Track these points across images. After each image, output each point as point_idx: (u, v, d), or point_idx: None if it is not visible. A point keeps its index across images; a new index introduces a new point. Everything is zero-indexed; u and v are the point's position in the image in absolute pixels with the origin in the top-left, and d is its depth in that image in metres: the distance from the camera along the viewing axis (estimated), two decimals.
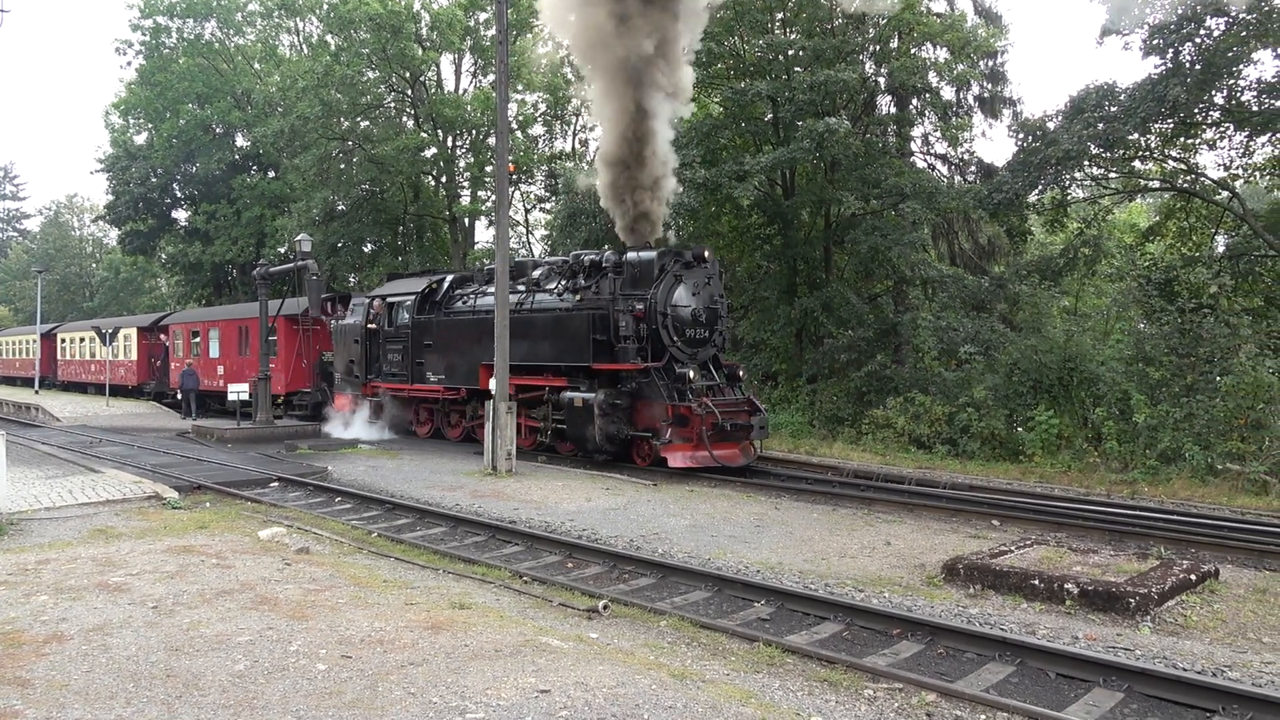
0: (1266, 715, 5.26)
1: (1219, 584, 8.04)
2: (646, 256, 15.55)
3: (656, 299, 15.14)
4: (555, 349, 15.93)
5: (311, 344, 24.01)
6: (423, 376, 18.89)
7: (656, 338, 15.11)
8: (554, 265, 17.56)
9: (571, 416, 15.22)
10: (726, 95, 22.72)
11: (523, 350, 16.21)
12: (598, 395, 14.84)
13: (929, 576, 8.47)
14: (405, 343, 19.29)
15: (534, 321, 16.45)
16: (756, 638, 6.62)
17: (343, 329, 21.31)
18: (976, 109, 25.01)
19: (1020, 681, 5.99)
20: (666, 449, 14.24)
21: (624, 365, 14.78)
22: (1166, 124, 19.14)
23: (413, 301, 19.28)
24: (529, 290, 17.06)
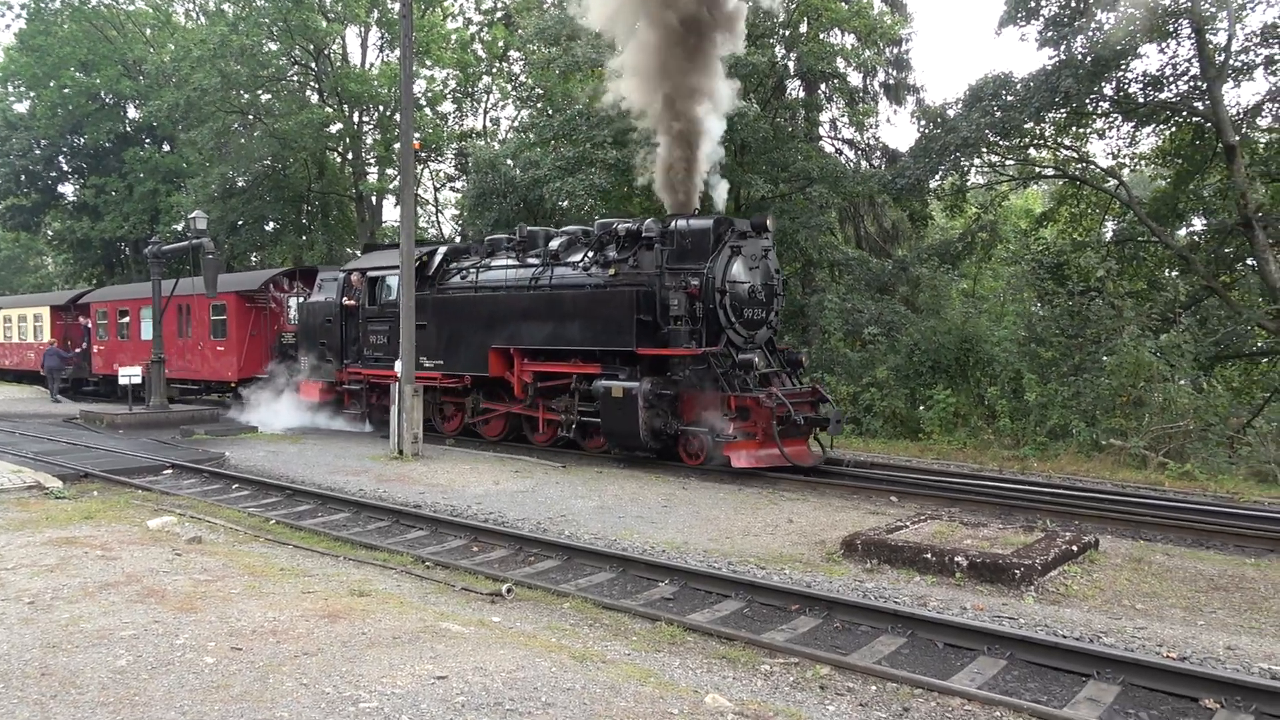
0: (1138, 678, 5.56)
1: (1099, 554, 8.45)
2: (700, 225, 13.50)
3: (714, 274, 13.16)
4: (586, 331, 13.80)
5: (269, 324, 21.35)
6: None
7: (713, 319, 13.16)
8: (574, 235, 15.43)
9: (608, 408, 13.21)
10: None
11: (543, 332, 14.37)
12: (642, 384, 12.88)
13: (829, 552, 8.68)
14: (392, 323, 16.62)
15: (558, 299, 14.29)
16: (659, 617, 6.69)
17: (311, 308, 19.01)
18: (882, 95, 25.61)
19: (911, 652, 6.19)
20: (730, 447, 12.51)
21: (677, 350, 12.81)
22: (1059, 114, 19.89)
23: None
24: (545, 263, 14.99)
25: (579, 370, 14.10)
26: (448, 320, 15.97)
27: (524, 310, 14.67)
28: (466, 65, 33.13)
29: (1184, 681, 5.43)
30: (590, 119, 22.11)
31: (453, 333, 15.87)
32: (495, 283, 15.59)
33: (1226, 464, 13.49)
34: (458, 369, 15.90)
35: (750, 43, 21.85)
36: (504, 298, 15.09)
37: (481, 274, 16.02)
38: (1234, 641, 6.22)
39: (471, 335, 15.52)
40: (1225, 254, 19.31)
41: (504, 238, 16.58)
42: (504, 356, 15.10)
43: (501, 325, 14.94)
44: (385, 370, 16.57)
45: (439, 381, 16.15)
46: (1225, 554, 8.75)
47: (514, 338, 14.77)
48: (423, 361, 15.96)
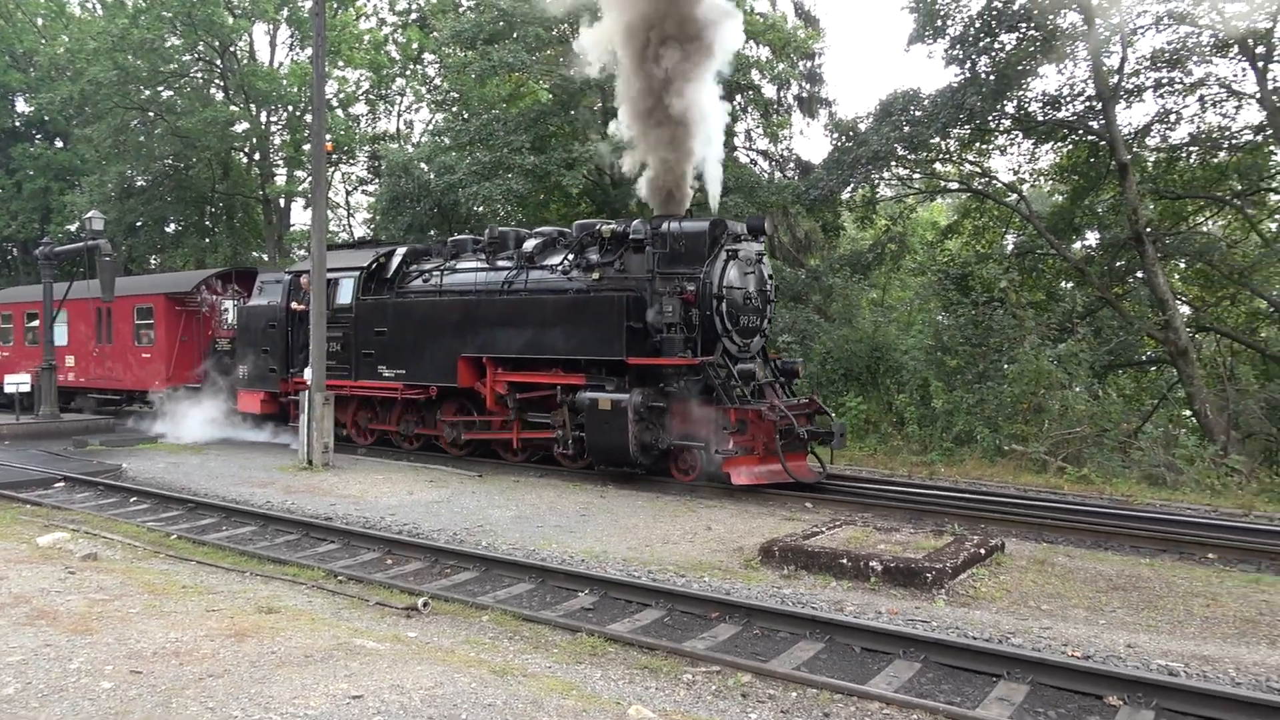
0: (1045, 678, 5.74)
1: (1005, 556, 8.73)
2: (694, 227, 12.73)
3: (710, 279, 12.46)
4: (570, 339, 12.95)
5: (202, 329, 19.51)
6: (373, 371, 15.38)
7: (709, 326, 12.47)
8: (549, 236, 14.58)
9: (594, 422, 12.45)
10: (556, 82, 22.61)
11: (521, 340, 13.45)
12: (632, 396, 12.15)
13: (747, 559, 8.74)
14: (346, 329, 15.67)
15: (537, 305, 13.42)
16: (579, 628, 6.63)
17: (251, 312, 17.41)
18: (796, 108, 26.08)
19: (829, 657, 6.28)
20: (729, 462, 11.80)
21: (671, 359, 12.10)
22: (964, 130, 20.61)
23: (356, 279, 15.76)
24: (519, 266, 14.13)
25: (561, 381, 13.19)
26: (410, 327, 14.87)
27: (498, 316, 13.73)
28: (380, 67, 32.49)
29: (1089, 680, 5.63)
30: (508, 124, 21.94)
31: (416, 340, 14.73)
32: (463, 286, 14.62)
33: (1120, 468, 14.12)
34: (422, 379, 14.69)
35: None
36: (475, 303, 14.09)
37: (447, 277, 15.00)
38: (1133, 639, 6.48)
39: (438, 343, 14.40)
40: (1118, 267, 20.27)
41: (469, 239, 15.73)
42: (475, 366, 14.11)
43: (473, 332, 13.96)
44: (339, 380, 15.49)
45: (400, 393, 15.03)
46: (1122, 555, 9.14)
47: (487, 345, 13.81)
48: (381, 371, 15.18)
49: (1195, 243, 19.67)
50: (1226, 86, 18.42)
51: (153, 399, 19.36)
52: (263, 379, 17.07)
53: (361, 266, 15.83)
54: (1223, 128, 18.95)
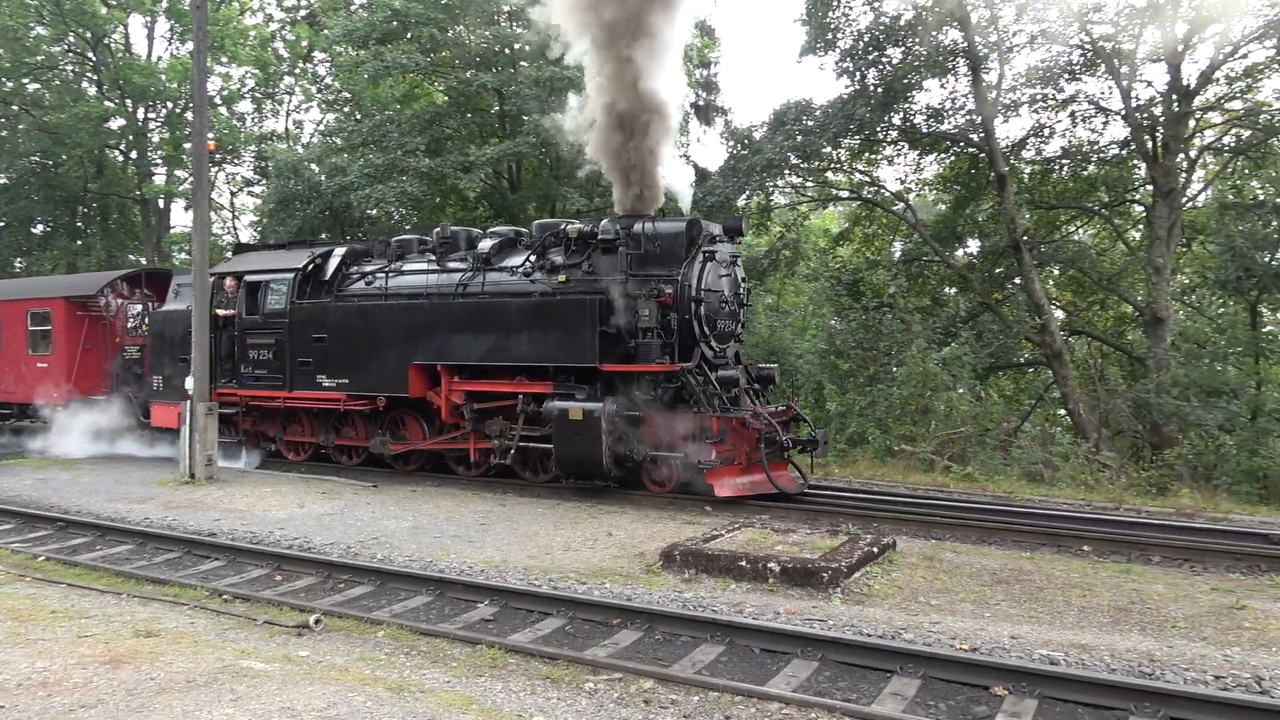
0: (936, 671, 5.93)
1: (896, 554, 8.99)
2: (671, 227, 12.22)
3: (689, 281, 11.94)
4: (536, 345, 12.24)
5: (108, 336, 17.85)
6: (310, 381, 14.21)
7: (687, 331, 11.94)
8: (505, 236, 13.84)
9: (563, 433, 11.77)
10: (451, 85, 22.29)
11: (481, 347, 12.66)
12: (606, 405, 11.61)
13: (648, 564, 8.76)
14: (280, 336, 14.51)
15: (498, 309, 12.58)
16: (479, 640, 6.51)
17: (167, 318, 15.95)
18: (693, 115, 26.37)
19: (730, 660, 6.34)
20: (713, 474, 11.35)
21: (648, 366, 11.56)
22: (854, 140, 21.24)
23: (290, 281, 14.55)
24: (475, 268, 13.27)
25: (525, 389, 12.47)
26: (354, 333, 13.82)
27: (455, 321, 12.90)
28: (267, 64, 31.38)
29: (976, 671, 5.84)
30: (401, 125, 21.50)
31: (360, 348, 13.72)
32: (413, 289, 13.65)
33: (1002, 466, 14.77)
34: (368, 389, 13.69)
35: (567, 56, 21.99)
36: (429, 307, 13.16)
37: (393, 279, 14.00)
38: (1017, 631, 6.76)
39: (386, 350, 13.46)
40: (997, 273, 21.20)
41: (415, 239, 14.87)
42: (428, 374, 13.28)
43: (426, 338, 13.11)
44: (271, 391, 14.55)
45: (343, 405, 13.93)
46: (1005, 549, 9.52)
47: (443, 352, 12.99)
48: (321, 381, 14.09)
49: (1068, 250, 20.75)
50: (1095, 103, 19.51)
51: (44, 412, 17.79)
52: (181, 391, 15.40)
53: (296, 268, 14.66)
54: (1091, 142, 20.08)
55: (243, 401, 15.12)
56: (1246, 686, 5.62)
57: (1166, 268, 18.14)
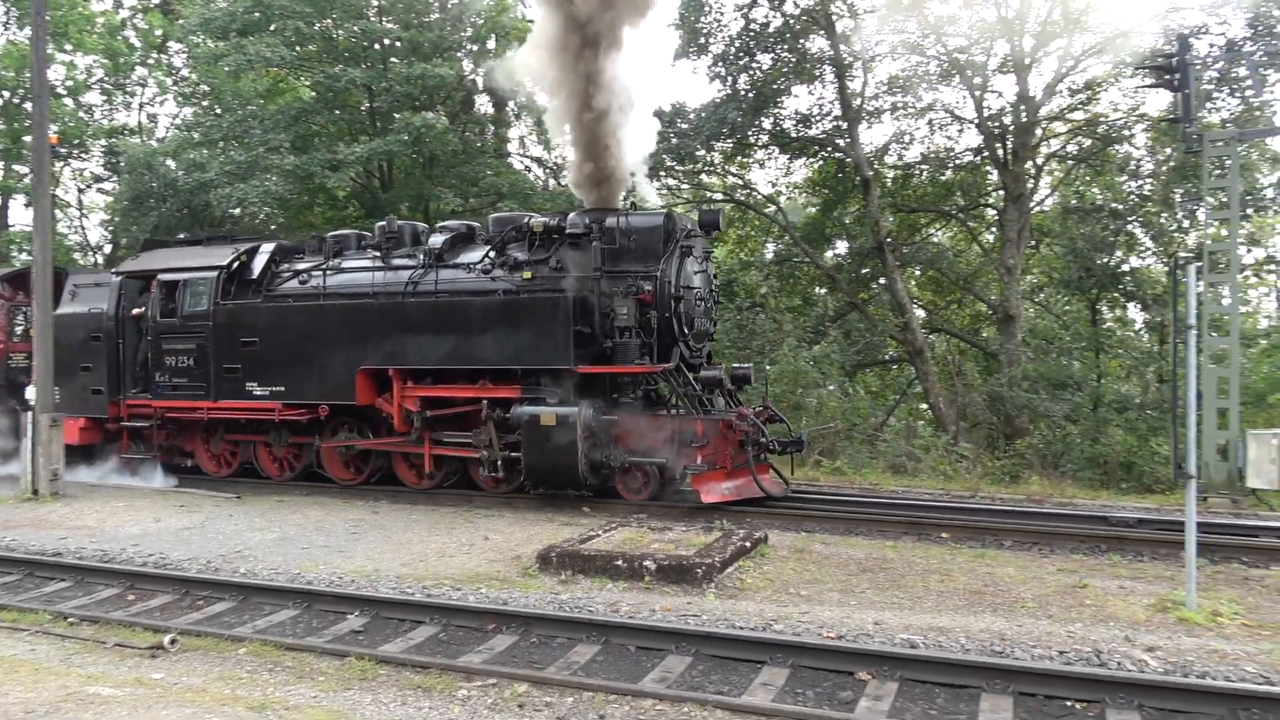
0: (804, 660, 6.11)
1: (768, 548, 9.22)
2: (648, 221, 11.67)
3: (668, 278, 11.42)
4: (503, 346, 11.49)
5: None
6: (239, 389, 13.09)
7: (666, 330, 11.42)
8: (457, 231, 12.93)
9: (534, 440, 11.14)
10: (319, 80, 21.56)
11: (439, 349, 11.85)
12: (582, 410, 11.02)
13: (525, 567, 8.70)
14: (201, 340, 13.32)
15: (459, 308, 11.77)
16: (347, 652, 6.33)
17: (64, 321, 14.31)
18: None
19: (606, 659, 6.36)
20: (699, 479, 10.97)
21: (628, 367, 11.09)
22: (727, 143, 21.67)
23: (213, 280, 13.33)
24: (426, 265, 12.39)
25: (489, 394, 11.73)
26: (291, 336, 12.77)
27: (409, 322, 12.06)
28: (116, 53, 29.55)
29: (841, 658, 6.06)
30: (265, 121, 20.66)
31: (298, 352, 12.67)
32: (356, 288, 12.66)
33: (868, 459, 15.35)
34: (308, 397, 12.65)
35: (438, 55, 21.63)
36: (378, 307, 12.27)
37: (332, 277, 12.97)
38: (880, 617, 7.04)
39: (329, 354, 12.48)
40: (863, 274, 22.03)
41: (353, 234, 13.88)
42: (377, 380, 12.43)
43: (376, 341, 12.23)
44: (191, 402, 13.35)
45: (278, 414, 12.88)
46: (870, 539, 9.89)
47: (395, 356, 12.13)
48: (251, 389, 12.99)
49: (928, 252, 21.75)
50: (951, 112, 20.53)
51: None
52: (82, 402, 14.21)
53: (219, 265, 13.43)
54: (948, 149, 21.10)
55: (157, 414, 13.77)
56: (1087, 660, 6.02)
57: (1017, 268, 19.23)
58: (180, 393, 13.53)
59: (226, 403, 13.18)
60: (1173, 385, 8.36)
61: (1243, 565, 8.67)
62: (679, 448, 11.02)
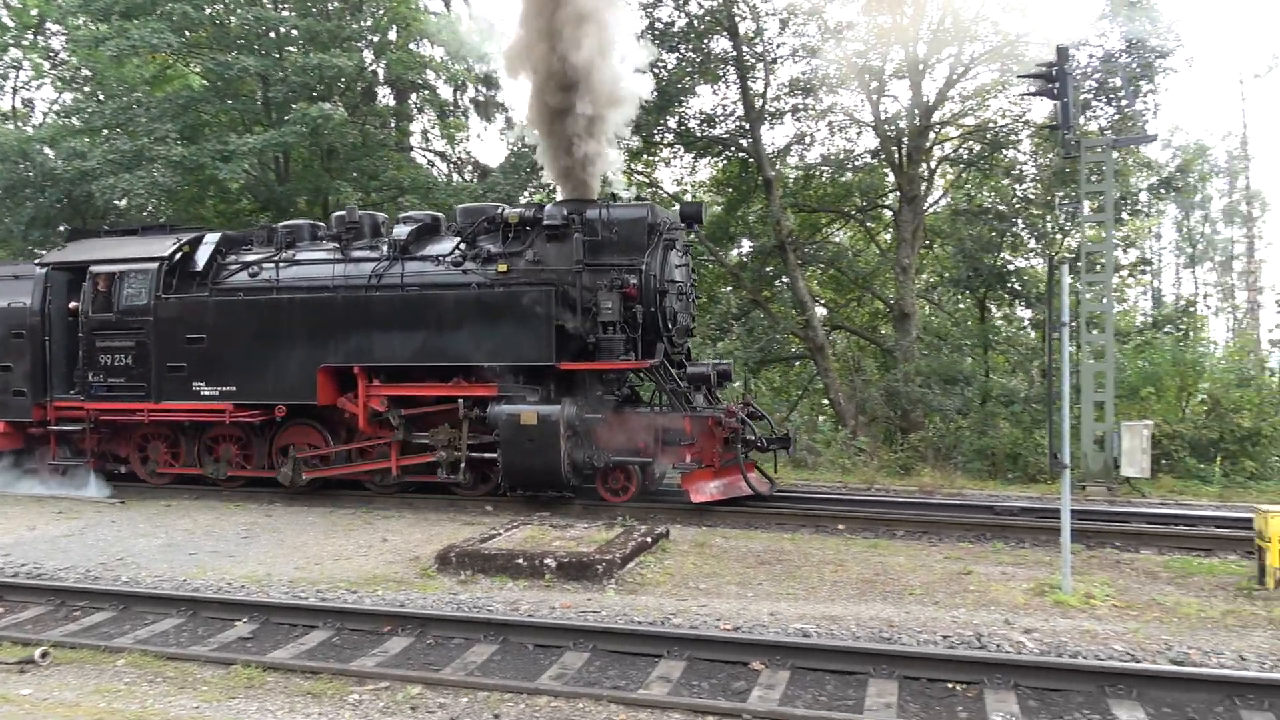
0: (700, 652, 6.19)
1: (669, 543, 9.31)
2: (632, 212, 11.46)
3: (653, 271, 11.18)
4: (481, 342, 11.10)
5: None
6: (184, 390, 12.29)
7: (651, 325, 11.19)
8: (422, 222, 12.40)
9: (514, 440, 10.77)
10: (209, 68, 20.74)
11: (409, 345, 11.39)
12: (564, 408, 10.76)
13: (424, 568, 8.58)
14: (141, 337, 12.48)
15: (431, 303, 11.33)
16: (234, 660, 6.13)
17: None
18: (473, 111, 26.05)
19: (503, 658, 6.32)
20: (689, 479, 10.85)
21: (614, 364, 10.90)
22: (633, 141, 21.73)
23: (153, 272, 12.49)
24: (391, 257, 11.88)
25: (463, 393, 11.34)
26: (242, 332, 12.09)
27: (377, 317, 11.56)
28: None
29: (736, 649, 6.17)
30: (151, 109, 19.78)
31: (252, 350, 12.04)
32: (313, 281, 12.04)
33: None
34: (263, 397, 12.01)
35: (337, 45, 21.08)
36: (340, 301, 11.71)
37: (286, 270, 12.30)
38: (776, 608, 7.19)
39: (287, 352, 11.88)
40: (767, 272, 22.40)
41: (306, 224, 13.32)
42: (339, 378, 11.91)
43: (338, 337, 11.68)
44: (131, 403, 12.49)
45: (229, 416, 12.12)
46: (769, 532, 10.09)
47: (360, 353, 11.64)
48: (199, 389, 12.24)
49: (828, 251, 22.27)
50: (850, 115, 21.06)
51: None
52: (2, 405, 13.19)
53: (160, 257, 12.57)
54: (847, 151, 21.63)
55: (90, 416, 12.81)
56: (969, 643, 6.27)
57: (912, 268, 19.87)
58: (117, 394, 12.63)
59: (170, 404, 12.38)
60: (1048, 379, 8.77)
61: (1115, 549, 9.17)
62: (665, 447, 10.87)
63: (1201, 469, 13.64)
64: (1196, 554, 8.88)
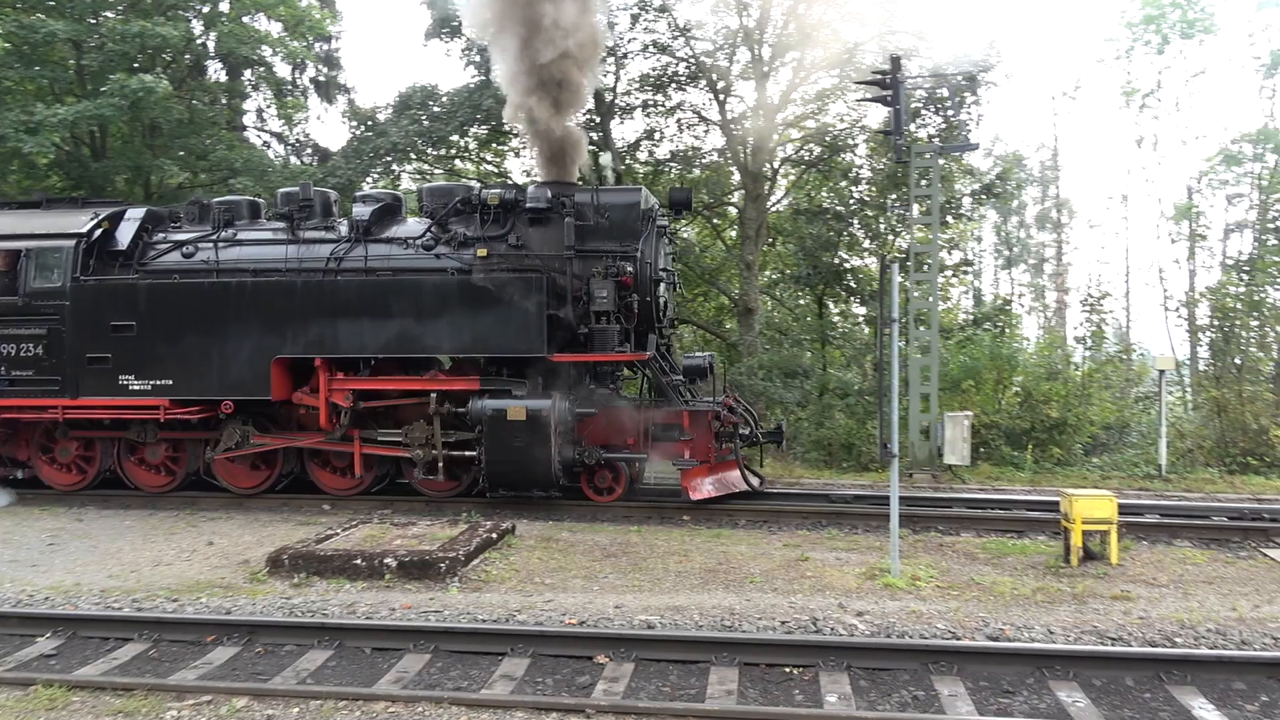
0: (545, 648, 6.13)
1: (515, 538, 9.21)
2: (626, 197, 11.06)
3: (649, 259, 10.76)
4: (461, 332, 10.47)
5: None
6: (108, 384, 11.08)
7: (646, 315, 10.80)
8: (385, 202, 11.62)
9: (500, 437, 10.16)
10: (11, 30, 18.90)
11: (380, 335, 10.63)
12: (556, 402, 10.20)
13: (254, 572, 8.14)
14: (54, 324, 11.18)
15: (406, 289, 10.60)
16: (33, 680, 5.60)
17: None
18: (312, 91, 24.91)
19: (339, 664, 6.06)
20: (689, 475, 10.47)
21: (609, 355, 10.45)
22: (482, 130, 21.34)
23: (69, 251, 11.18)
24: (352, 239, 11.06)
25: (441, 386, 10.68)
26: (179, 320, 11.00)
27: (339, 304, 10.70)
28: None
29: (581, 644, 6.15)
30: None
31: (192, 339, 10.98)
32: (261, 263, 11.11)
33: None
34: (207, 391, 10.95)
35: (160, 12, 19.67)
36: (301, 287, 10.81)
37: (226, 250, 11.27)
38: (621, 600, 7.22)
39: (235, 342, 10.89)
40: None
41: (244, 200, 12.20)
42: (293, 371, 11.05)
43: (295, 326, 10.79)
44: (41, 399, 11.10)
45: (163, 413, 10.98)
46: (616, 525, 10.14)
47: (322, 344, 10.78)
48: (126, 383, 11.00)
49: (675, 246, 22.52)
50: (698, 113, 21.40)
51: None
52: None
53: (77, 234, 11.28)
54: (695, 148, 21.99)
55: None
56: (805, 627, 6.49)
57: (755, 264, 20.42)
58: (23, 388, 11.27)
59: (91, 399, 11.13)
60: (879, 373, 9.20)
61: (939, 533, 9.73)
62: (659, 443, 10.62)
63: (1015, 456, 14.67)
64: (1010, 536, 9.54)
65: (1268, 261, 17.38)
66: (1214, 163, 21.03)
